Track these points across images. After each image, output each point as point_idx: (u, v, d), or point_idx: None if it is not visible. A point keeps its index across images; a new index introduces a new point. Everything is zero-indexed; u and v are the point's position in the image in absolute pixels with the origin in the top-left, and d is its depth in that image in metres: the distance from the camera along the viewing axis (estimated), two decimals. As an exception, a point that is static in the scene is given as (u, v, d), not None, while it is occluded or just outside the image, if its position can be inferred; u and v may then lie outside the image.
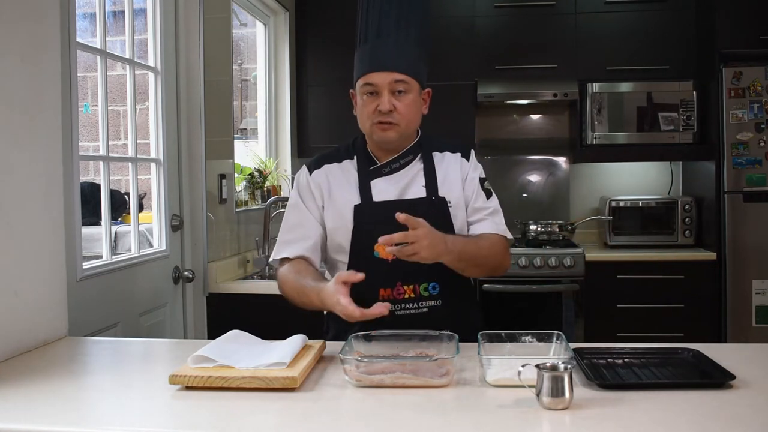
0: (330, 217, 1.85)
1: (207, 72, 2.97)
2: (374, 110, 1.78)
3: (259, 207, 3.65)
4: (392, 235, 1.58)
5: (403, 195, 1.84)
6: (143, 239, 3.12)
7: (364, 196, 1.83)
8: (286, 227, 1.91)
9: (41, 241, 1.85)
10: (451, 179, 1.87)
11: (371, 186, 1.84)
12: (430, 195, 1.84)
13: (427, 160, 1.88)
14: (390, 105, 1.76)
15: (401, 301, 1.78)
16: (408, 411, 1.28)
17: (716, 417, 1.23)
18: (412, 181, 1.85)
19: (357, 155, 1.89)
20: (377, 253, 1.78)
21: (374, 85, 1.77)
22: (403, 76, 1.76)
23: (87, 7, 4.44)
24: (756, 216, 3.66)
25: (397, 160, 1.86)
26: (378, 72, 1.76)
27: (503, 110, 4.41)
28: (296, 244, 1.86)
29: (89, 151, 4.62)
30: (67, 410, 1.34)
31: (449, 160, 1.90)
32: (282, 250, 1.88)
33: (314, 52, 4.20)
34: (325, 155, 1.93)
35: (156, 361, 1.79)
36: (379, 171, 1.86)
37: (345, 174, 1.88)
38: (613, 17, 4.02)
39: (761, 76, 3.65)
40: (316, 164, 1.91)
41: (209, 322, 2.99)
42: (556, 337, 1.56)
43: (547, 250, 3.73)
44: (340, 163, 1.90)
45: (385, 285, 1.78)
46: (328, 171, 1.89)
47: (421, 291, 1.79)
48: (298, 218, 1.88)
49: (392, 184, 1.85)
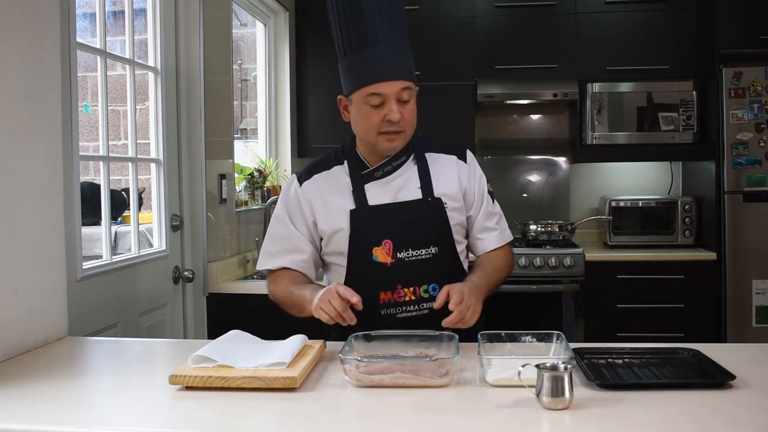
0: (325, 224, 1.84)
1: (207, 72, 2.97)
2: (382, 120, 1.74)
3: (259, 207, 3.65)
4: (447, 321, 1.64)
5: (397, 197, 1.83)
6: (143, 239, 3.12)
7: (359, 201, 1.82)
8: (271, 239, 1.91)
9: (41, 241, 1.85)
10: (446, 180, 1.86)
11: (365, 190, 1.83)
12: (426, 196, 1.83)
13: (420, 160, 1.87)
14: (399, 114, 1.73)
15: (402, 304, 1.77)
16: (408, 411, 1.28)
17: (716, 417, 1.23)
18: (406, 182, 1.84)
19: (347, 159, 1.87)
20: (376, 257, 1.78)
21: (382, 95, 1.73)
22: (409, 83, 1.75)
23: (87, 7, 4.43)
24: (756, 216, 3.66)
25: (388, 163, 1.84)
26: (387, 82, 1.72)
27: (503, 110, 4.40)
28: (282, 257, 1.87)
29: (89, 151, 4.61)
30: (67, 410, 1.34)
31: (443, 160, 1.89)
32: (267, 261, 1.90)
33: (314, 52, 4.20)
34: (314, 164, 1.92)
35: (156, 361, 1.79)
36: (372, 175, 1.84)
37: (336, 180, 1.86)
38: (613, 17, 4.02)
39: (761, 76, 3.65)
40: (306, 175, 1.90)
41: (209, 322, 2.99)
42: (556, 337, 1.56)
43: (547, 250, 3.73)
44: (329, 170, 1.88)
45: (385, 288, 1.77)
46: (318, 181, 1.87)
47: (421, 293, 1.79)
48: (284, 232, 1.88)
49: (386, 187, 1.83)
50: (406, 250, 1.79)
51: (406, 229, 1.79)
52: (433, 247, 1.81)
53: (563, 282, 3.66)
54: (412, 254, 1.79)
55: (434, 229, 1.82)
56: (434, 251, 1.81)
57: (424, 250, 1.80)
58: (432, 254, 1.81)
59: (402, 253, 1.79)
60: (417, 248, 1.79)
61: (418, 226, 1.80)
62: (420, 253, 1.79)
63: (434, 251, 1.81)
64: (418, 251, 1.79)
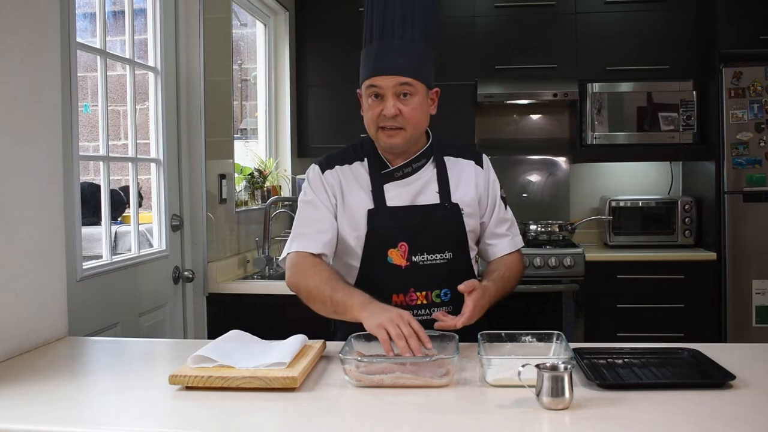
0: (343, 220, 1.81)
1: (207, 72, 2.97)
2: (378, 114, 1.73)
3: (259, 207, 3.64)
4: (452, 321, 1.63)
5: (415, 200, 1.81)
6: (143, 239, 3.12)
7: (378, 201, 1.80)
8: (301, 221, 1.82)
9: (41, 241, 1.85)
10: (464, 185, 1.85)
11: (384, 190, 1.81)
12: (444, 201, 1.82)
13: (439, 164, 1.85)
14: (395, 110, 1.71)
15: (413, 308, 1.75)
16: (408, 411, 1.28)
17: (716, 417, 1.23)
18: (425, 186, 1.83)
19: (367, 157, 1.85)
20: (391, 259, 1.77)
21: (378, 87, 1.72)
22: (408, 79, 1.72)
23: (87, 7, 4.44)
24: (756, 216, 3.66)
25: (409, 164, 1.82)
26: (383, 76, 1.71)
27: (503, 110, 4.41)
28: (313, 238, 1.78)
29: (89, 151, 4.61)
30: (67, 410, 1.34)
31: (462, 166, 1.87)
32: (299, 243, 1.78)
33: (314, 52, 4.20)
34: (334, 155, 1.88)
35: (156, 361, 1.79)
36: (392, 175, 1.82)
37: (356, 177, 1.83)
38: (613, 17, 4.02)
39: (761, 76, 3.65)
40: (327, 164, 1.85)
41: (209, 322, 2.99)
42: (556, 337, 1.56)
43: (547, 250, 3.73)
44: (351, 165, 1.85)
45: (397, 291, 1.76)
46: (340, 172, 1.84)
47: (433, 298, 1.78)
48: (314, 213, 1.81)
49: (405, 189, 1.82)
50: (421, 253, 1.78)
51: (422, 232, 1.78)
52: (447, 252, 1.81)
53: (563, 282, 3.66)
54: (427, 258, 1.78)
55: (450, 235, 1.82)
56: (449, 256, 1.81)
57: (438, 255, 1.80)
58: (446, 259, 1.80)
59: (417, 257, 1.78)
60: (432, 252, 1.79)
61: (435, 231, 1.79)
62: (435, 258, 1.79)
63: (449, 256, 1.81)
64: (433, 256, 1.79)
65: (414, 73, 1.73)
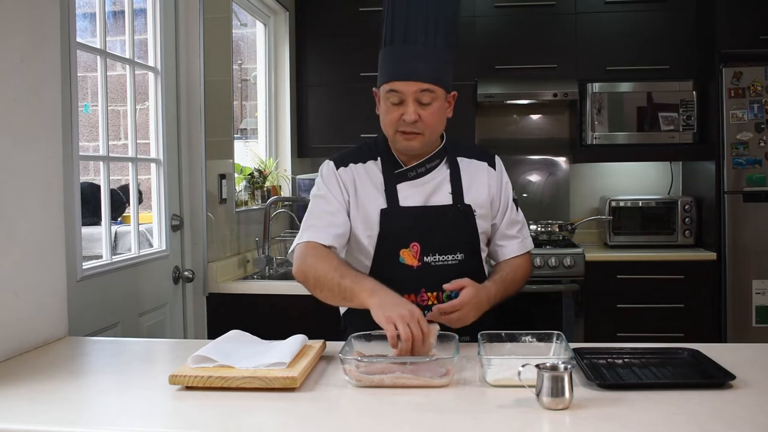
0: (356, 219, 1.81)
1: (207, 72, 2.97)
2: (398, 119, 1.73)
3: (259, 207, 3.64)
4: (444, 306, 1.63)
5: (429, 200, 1.82)
6: (143, 239, 3.12)
7: (391, 201, 1.80)
8: (312, 214, 1.81)
9: (41, 241, 1.85)
10: (477, 187, 1.85)
11: (397, 190, 1.81)
12: (456, 202, 1.82)
13: (452, 165, 1.86)
14: (415, 115, 1.72)
15: (424, 308, 1.72)
16: (408, 411, 1.29)
17: (716, 417, 1.23)
18: (438, 186, 1.83)
19: (381, 156, 1.85)
20: (403, 259, 1.77)
21: (399, 92, 1.72)
22: (429, 85, 1.72)
23: (87, 7, 4.43)
24: (756, 216, 3.65)
25: (423, 164, 1.82)
26: (405, 81, 1.71)
27: (503, 110, 4.40)
28: (324, 230, 1.76)
29: (89, 151, 4.61)
30: (67, 410, 1.34)
31: (475, 167, 1.88)
32: (309, 234, 1.77)
33: (314, 52, 4.20)
34: (348, 153, 1.88)
35: (156, 361, 1.79)
36: (405, 175, 1.82)
37: (370, 176, 1.83)
38: (613, 17, 4.02)
39: (761, 76, 3.65)
40: (341, 161, 1.85)
41: (209, 322, 2.99)
42: (556, 337, 1.56)
43: (547, 250, 3.73)
44: (364, 163, 1.85)
45: (409, 291, 1.75)
46: (354, 171, 1.84)
47: (444, 298, 1.78)
48: (326, 207, 1.80)
49: (418, 189, 1.82)
50: (433, 254, 1.78)
51: (434, 233, 1.79)
52: (459, 253, 1.81)
53: (563, 282, 3.66)
54: (439, 259, 1.79)
55: (462, 236, 1.82)
56: (460, 258, 1.81)
57: (450, 256, 1.80)
58: (458, 261, 1.81)
59: (429, 257, 1.78)
60: (444, 253, 1.79)
61: (447, 232, 1.80)
62: (447, 259, 1.80)
63: (460, 258, 1.81)
64: (444, 256, 1.79)
65: (435, 79, 1.74)
